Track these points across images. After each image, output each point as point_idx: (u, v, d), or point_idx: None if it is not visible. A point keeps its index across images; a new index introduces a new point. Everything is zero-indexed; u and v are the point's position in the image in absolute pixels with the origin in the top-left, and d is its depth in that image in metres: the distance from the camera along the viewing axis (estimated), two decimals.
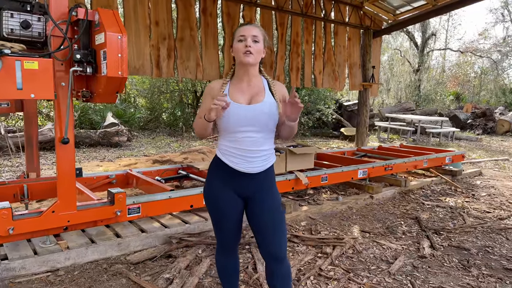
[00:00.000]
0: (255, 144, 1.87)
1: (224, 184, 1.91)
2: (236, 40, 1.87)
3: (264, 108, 1.87)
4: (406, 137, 11.99)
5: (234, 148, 1.86)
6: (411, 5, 8.10)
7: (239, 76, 1.93)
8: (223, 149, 1.91)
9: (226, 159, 1.89)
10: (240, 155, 1.86)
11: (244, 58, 1.83)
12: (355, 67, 8.40)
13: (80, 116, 9.77)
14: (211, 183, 1.96)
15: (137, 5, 5.38)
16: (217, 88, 1.93)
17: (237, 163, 1.87)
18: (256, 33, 1.86)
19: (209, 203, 1.97)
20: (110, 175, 3.81)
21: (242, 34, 1.85)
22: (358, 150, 6.36)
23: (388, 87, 21.01)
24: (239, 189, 1.92)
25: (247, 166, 1.87)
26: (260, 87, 1.94)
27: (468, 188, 5.49)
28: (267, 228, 1.90)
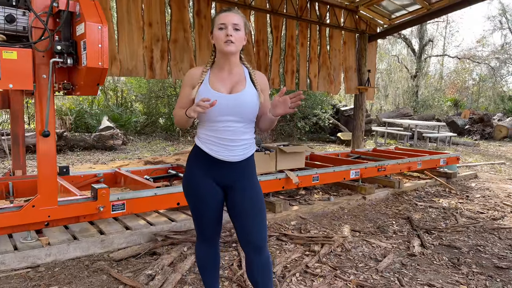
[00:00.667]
0: (235, 134, 1.84)
1: (204, 172, 1.88)
2: (216, 28, 1.82)
3: (245, 98, 1.84)
4: (403, 142, 11.95)
5: (214, 137, 1.84)
6: (406, 9, 8.13)
7: (219, 65, 1.89)
8: (203, 137, 1.88)
9: (206, 147, 1.86)
10: (220, 144, 1.84)
11: (226, 47, 1.79)
12: (350, 71, 8.40)
13: (76, 120, 9.75)
14: (191, 171, 1.92)
15: (131, 7, 5.38)
16: (197, 76, 1.89)
17: (217, 151, 1.84)
18: (237, 20, 1.82)
19: (189, 191, 1.93)
20: (98, 174, 3.78)
21: (222, 22, 1.80)
22: (352, 152, 6.32)
23: (386, 93, 21.03)
24: (219, 177, 1.89)
25: (227, 154, 1.85)
26: (241, 76, 1.91)
27: (462, 190, 5.45)
28: (247, 215, 1.87)
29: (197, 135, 1.93)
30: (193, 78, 1.90)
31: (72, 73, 2.40)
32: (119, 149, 8.38)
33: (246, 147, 1.89)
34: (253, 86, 1.91)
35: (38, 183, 2.45)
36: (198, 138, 1.92)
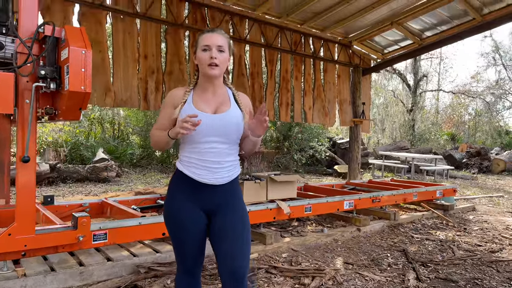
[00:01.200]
0: (220, 155, 1.78)
1: (186, 197, 1.79)
2: (200, 49, 1.77)
3: (231, 118, 1.79)
4: (401, 175, 11.87)
5: (197, 160, 1.76)
6: (398, 44, 8.32)
7: (203, 86, 1.84)
8: (185, 160, 1.80)
9: (188, 171, 1.77)
10: (204, 166, 1.76)
11: (209, 70, 1.74)
12: (345, 104, 8.47)
13: (71, 151, 9.71)
14: (172, 196, 1.82)
15: (127, 40, 5.49)
16: (180, 96, 1.82)
17: (201, 174, 1.76)
18: (221, 42, 1.77)
19: (170, 217, 1.83)
20: (84, 203, 3.69)
21: (206, 44, 1.75)
22: (348, 184, 6.25)
23: (383, 127, 21.17)
24: (203, 202, 1.80)
25: (211, 177, 1.77)
26: (225, 96, 1.86)
27: (460, 223, 5.32)
28: (226, 240, 1.76)
29: (179, 158, 1.86)
30: (175, 99, 1.82)
31: (55, 98, 2.38)
32: (113, 181, 8.28)
33: (231, 169, 1.83)
34: (238, 107, 1.86)
35: (16, 210, 2.37)
36: (179, 161, 1.83)
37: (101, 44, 5.30)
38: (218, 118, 1.77)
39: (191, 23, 6.07)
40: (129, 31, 5.52)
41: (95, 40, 5.23)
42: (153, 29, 5.73)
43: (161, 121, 1.83)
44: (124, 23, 5.47)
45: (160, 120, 1.84)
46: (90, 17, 5.19)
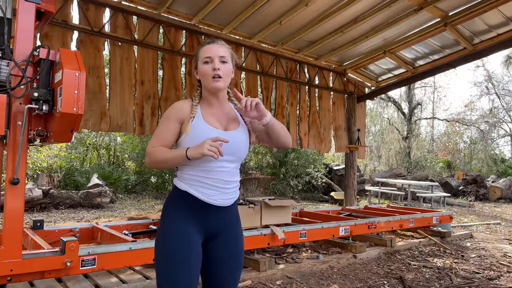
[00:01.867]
0: (229, 175, 1.68)
1: (190, 219, 1.61)
2: (201, 62, 1.67)
3: (241, 136, 1.71)
4: (397, 202, 11.80)
5: (206, 179, 1.62)
6: (392, 73, 8.49)
7: (208, 100, 1.73)
8: (191, 179, 1.63)
9: (196, 190, 1.61)
10: (214, 186, 1.63)
11: (213, 83, 1.64)
12: (340, 130, 8.53)
13: (65, 177, 9.64)
14: (173, 217, 1.61)
15: (124, 66, 5.56)
16: (186, 110, 1.67)
17: (211, 195, 1.62)
18: (223, 52, 1.68)
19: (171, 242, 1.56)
20: (74, 228, 3.62)
21: (208, 56, 1.66)
22: (343, 210, 6.19)
23: (379, 154, 21.26)
24: (205, 226, 1.65)
25: (220, 198, 1.65)
26: (231, 112, 1.76)
27: (457, 250, 5.24)
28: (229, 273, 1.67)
29: (180, 176, 1.67)
30: (181, 112, 1.67)
31: (47, 120, 2.38)
32: (107, 207, 8.18)
33: (236, 190, 1.74)
34: (245, 123, 1.77)
35: (3, 234, 2.32)
36: (181, 180, 1.66)
37: (98, 69, 5.37)
38: (231, 136, 1.66)
39: (188, 50, 6.18)
40: (127, 57, 5.61)
41: (93, 66, 5.31)
42: (150, 56, 5.83)
43: (164, 135, 1.65)
44: (122, 50, 5.56)
45: (162, 134, 1.65)
46: (88, 44, 5.28)
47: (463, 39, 6.85)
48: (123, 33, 5.54)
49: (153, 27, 5.82)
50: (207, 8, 5.61)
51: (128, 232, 3.64)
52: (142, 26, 5.75)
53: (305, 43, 7.18)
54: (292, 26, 6.43)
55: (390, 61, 7.98)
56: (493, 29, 6.62)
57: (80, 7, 5.21)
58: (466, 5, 6.05)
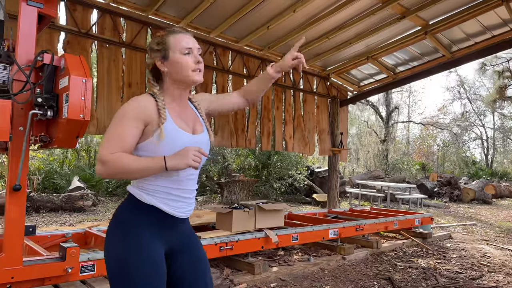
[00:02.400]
0: (194, 183, 1.55)
1: (155, 234, 1.43)
2: (180, 53, 1.48)
3: (207, 139, 1.58)
4: (377, 204, 12.09)
5: (176, 190, 1.46)
6: (373, 78, 8.71)
7: (172, 97, 1.53)
8: (157, 190, 1.43)
9: (164, 204, 1.43)
10: (182, 197, 1.48)
11: (195, 77, 1.49)
12: (324, 133, 8.68)
13: (44, 180, 9.39)
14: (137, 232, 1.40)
15: (111, 68, 5.50)
16: (152, 110, 1.43)
17: (179, 207, 1.47)
18: (198, 45, 1.56)
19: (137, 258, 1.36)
20: (67, 234, 3.56)
21: (188, 47, 1.49)
22: (330, 212, 6.32)
23: (358, 156, 21.72)
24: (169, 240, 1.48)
25: (187, 210, 1.51)
26: (191, 110, 1.61)
27: (439, 250, 5.45)
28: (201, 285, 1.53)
29: (141, 186, 1.45)
30: (145, 111, 1.42)
31: (50, 126, 2.36)
32: (89, 211, 8.03)
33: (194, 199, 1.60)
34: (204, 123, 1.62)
35: (4, 240, 2.28)
36: (143, 191, 1.44)
37: None
38: (198, 139, 1.52)
39: None
40: (114, 59, 5.55)
41: None
42: (138, 58, 5.78)
43: (125, 139, 1.38)
44: (110, 51, 5.49)
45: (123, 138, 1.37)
46: (75, 45, 5.20)
47: (442, 47, 7.12)
48: (111, 35, 5.48)
49: (141, 29, 5.78)
50: (196, 11, 5.61)
51: None
52: (130, 28, 5.70)
53: (291, 48, 7.25)
54: (279, 31, 6.52)
55: (372, 66, 8.19)
56: (471, 37, 6.91)
57: (67, 8, 5.12)
58: (446, 14, 6.29)
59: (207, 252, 3.21)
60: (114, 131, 1.40)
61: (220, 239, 3.40)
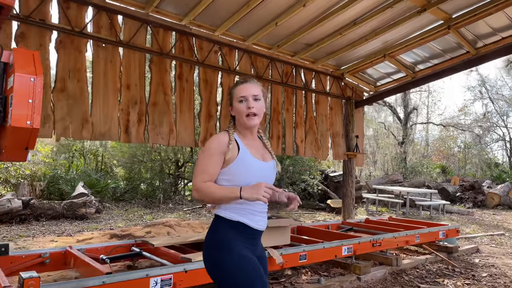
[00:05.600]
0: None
1: (248, 247, 1.80)
2: (236, 101, 1.84)
3: (274, 166, 1.94)
4: (396, 210, 11.48)
5: (256, 206, 1.81)
6: (391, 77, 8.17)
7: (242, 134, 1.90)
8: (242, 208, 1.79)
9: (248, 219, 1.80)
10: (260, 213, 1.84)
11: (248, 121, 1.82)
12: (338, 137, 8.17)
13: (49, 186, 9.14)
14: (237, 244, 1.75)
15: (108, 69, 5.15)
16: (226, 142, 1.81)
17: (259, 221, 1.84)
18: (256, 91, 1.84)
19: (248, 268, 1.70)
20: (44, 254, 3.19)
21: (242, 95, 1.82)
22: (344, 223, 5.81)
23: (375, 159, 20.97)
24: (256, 250, 1.86)
25: (264, 222, 1.89)
26: (261, 143, 1.99)
27: (467, 268, 4.89)
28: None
29: (227, 207, 1.80)
30: (223, 145, 1.80)
31: (1, 134, 1.97)
32: (92, 218, 7.72)
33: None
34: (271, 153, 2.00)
35: None
36: (230, 210, 1.79)
37: (79, 73, 4.94)
38: (270, 166, 1.90)
39: (178, 52, 5.78)
40: (111, 59, 5.19)
41: (74, 68, 4.88)
42: (137, 58, 5.41)
43: (212, 170, 1.78)
44: (106, 51, 5.14)
45: (210, 169, 1.77)
46: (69, 45, 4.86)
47: (466, 43, 6.55)
48: (107, 33, 5.13)
49: (140, 28, 5.41)
50: (198, 8, 5.23)
51: (107, 257, 3.22)
52: (128, 27, 5.34)
53: (302, 45, 6.83)
54: (289, 28, 6.08)
55: (389, 65, 7.66)
56: (498, 32, 6.32)
57: (60, 5, 4.79)
58: (471, 7, 5.74)
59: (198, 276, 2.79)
60: (202, 163, 1.79)
61: None
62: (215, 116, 6.14)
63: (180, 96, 5.81)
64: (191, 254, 3.20)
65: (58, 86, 4.80)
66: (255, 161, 1.80)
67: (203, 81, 6.05)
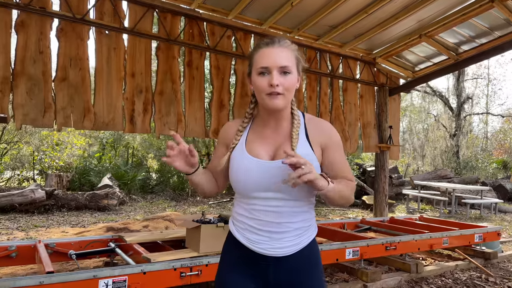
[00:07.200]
0: (281, 216, 1.31)
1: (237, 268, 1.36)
2: (256, 72, 1.30)
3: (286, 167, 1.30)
4: (439, 208, 10.49)
5: (251, 220, 1.33)
6: (431, 61, 7.37)
7: (263, 119, 1.40)
8: (237, 219, 1.39)
9: (240, 234, 1.36)
10: (260, 231, 1.31)
11: (270, 101, 1.28)
12: (369, 127, 7.51)
13: (80, 177, 9.37)
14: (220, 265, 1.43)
15: (112, 56, 4.99)
16: (232, 133, 1.42)
17: (256, 241, 1.32)
18: (285, 61, 1.27)
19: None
20: (10, 247, 3.04)
21: (264, 66, 1.27)
22: (362, 222, 5.24)
23: (423, 153, 19.54)
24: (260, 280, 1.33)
25: (270, 247, 1.31)
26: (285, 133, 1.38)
27: (504, 277, 4.16)
28: None
29: (232, 214, 1.45)
30: (226, 136, 1.45)
31: None
32: (113, 210, 7.75)
33: (300, 234, 1.34)
34: (309, 145, 1.35)
35: None
36: (232, 219, 1.44)
37: (81, 61, 4.82)
38: (275, 167, 1.30)
39: (186, 38, 5.50)
40: (115, 47, 5.02)
41: (75, 57, 4.77)
42: (142, 45, 5.21)
43: (212, 163, 1.48)
44: (109, 39, 4.98)
45: (212, 161, 1.49)
46: (70, 32, 4.74)
47: None
48: (111, 20, 4.96)
49: (145, 13, 5.19)
50: None
51: (75, 253, 3.00)
52: (133, 12, 5.14)
53: (325, 28, 6.28)
54: (308, 8, 5.58)
55: (428, 47, 6.88)
56: None
57: None
58: None
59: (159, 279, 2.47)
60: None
61: (181, 262, 2.62)
62: (228, 105, 5.80)
63: (190, 84, 5.54)
64: (158, 253, 2.89)
65: (59, 75, 4.70)
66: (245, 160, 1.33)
67: (215, 68, 5.73)
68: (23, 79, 4.42)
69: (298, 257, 1.32)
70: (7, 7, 4.35)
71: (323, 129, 1.38)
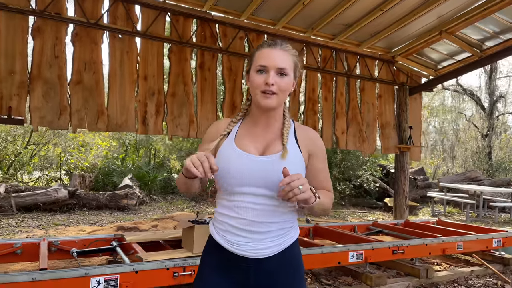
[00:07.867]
0: (265, 215, 1.29)
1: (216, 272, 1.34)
2: (254, 70, 1.34)
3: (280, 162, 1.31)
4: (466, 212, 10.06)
5: (232, 219, 1.30)
6: (454, 58, 7.09)
7: (254, 117, 1.41)
8: (218, 220, 1.36)
9: (220, 237, 1.33)
10: (241, 230, 1.29)
11: (262, 100, 1.31)
12: (388, 128, 7.31)
13: (103, 177, 9.65)
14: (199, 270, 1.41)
15: (125, 60, 5.11)
16: (221, 130, 1.42)
17: (237, 243, 1.30)
18: (284, 62, 1.31)
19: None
20: (16, 244, 3.16)
21: (263, 64, 1.31)
22: (374, 225, 5.09)
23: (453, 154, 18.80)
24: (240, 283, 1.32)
25: (251, 248, 1.29)
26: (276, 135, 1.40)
27: None
28: None
29: (214, 216, 1.41)
30: (216, 133, 1.42)
31: None
32: (133, 210, 7.92)
33: (283, 234, 1.33)
34: (297, 146, 1.38)
35: None
36: (212, 221, 1.41)
37: (95, 64, 4.96)
38: (263, 161, 1.30)
39: (199, 40, 5.56)
40: (128, 50, 5.14)
41: (89, 61, 4.91)
42: (155, 48, 5.30)
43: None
44: (122, 42, 5.10)
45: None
46: (85, 37, 4.90)
47: None
48: (124, 24, 5.08)
49: (158, 16, 5.29)
50: None
51: (77, 250, 3.09)
52: (146, 16, 5.24)
53: (340, 27, 6.17)
54: (321, 7, 5.50)
55: (450, 44, 6.62)
56: None
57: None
58: None
59: (152, 278, 2.49)
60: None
61: (174, 262, 2.64)
62: (240, 106, 5.81)
63: (202, 86, 5.59)
64: (153, 252, 2.92)
65: (74, 79, 4.86)
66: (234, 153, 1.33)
67: (227, 69, 5.76)
68: (39, 83, 4.59)
69: (279, 259, 1.30)
70: (24, 14, 4.52)
71: (311, 137, 1.41)
